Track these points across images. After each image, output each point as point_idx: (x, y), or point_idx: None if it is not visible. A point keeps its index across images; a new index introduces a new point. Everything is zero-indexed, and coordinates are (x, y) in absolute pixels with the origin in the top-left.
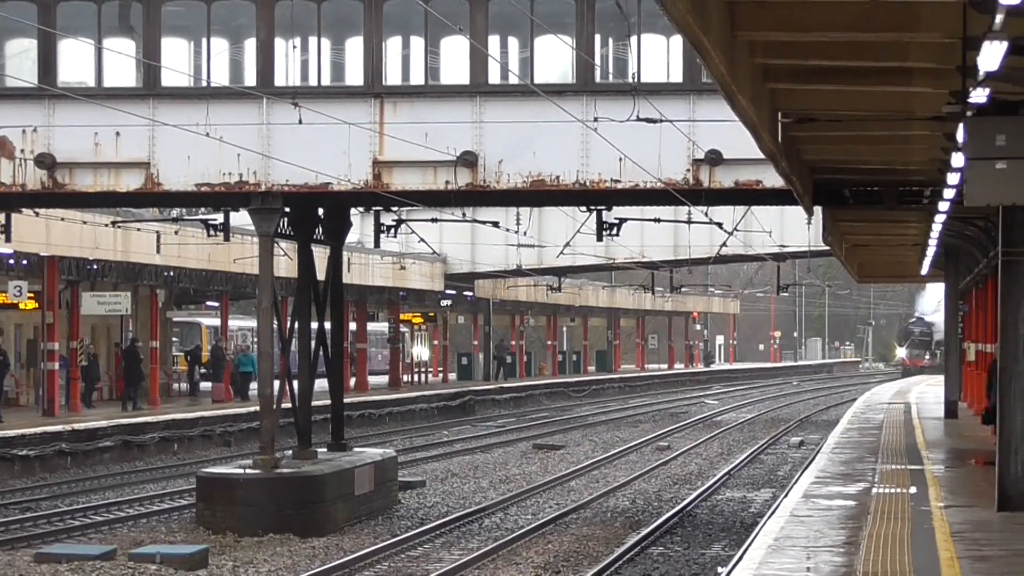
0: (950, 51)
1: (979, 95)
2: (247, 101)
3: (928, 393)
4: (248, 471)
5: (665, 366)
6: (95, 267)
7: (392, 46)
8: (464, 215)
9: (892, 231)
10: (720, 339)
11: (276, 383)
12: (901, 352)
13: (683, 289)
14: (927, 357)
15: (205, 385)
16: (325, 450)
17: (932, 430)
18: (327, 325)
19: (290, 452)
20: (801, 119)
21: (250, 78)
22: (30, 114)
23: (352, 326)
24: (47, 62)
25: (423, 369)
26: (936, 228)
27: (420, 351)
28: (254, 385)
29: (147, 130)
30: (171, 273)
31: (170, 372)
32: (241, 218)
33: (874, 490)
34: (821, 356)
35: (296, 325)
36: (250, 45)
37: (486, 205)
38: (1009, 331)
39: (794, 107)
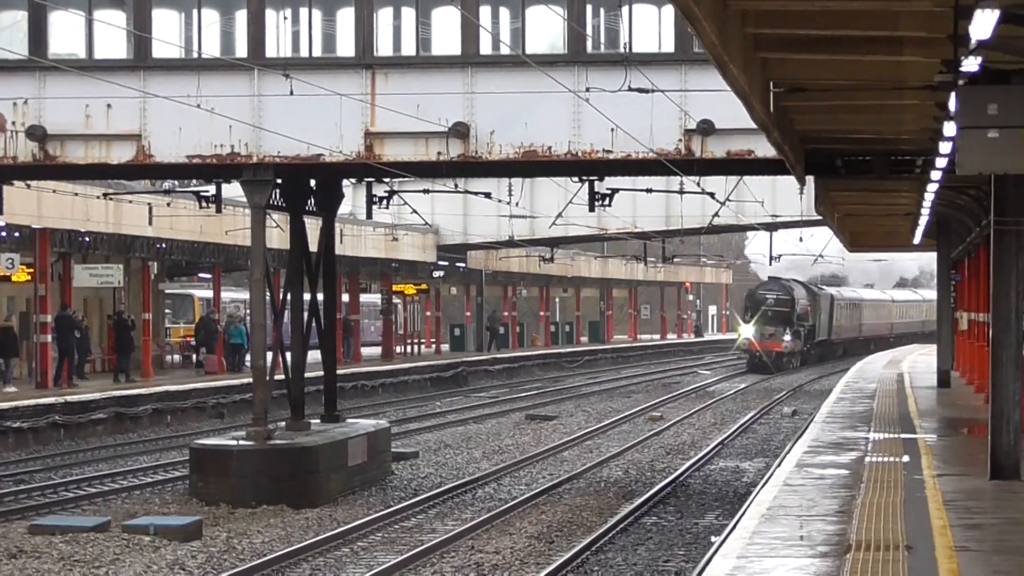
0: (941, 20)
1: (971, 64)
2: (238, 72)
3: (920, 363)
4: (241, 443)
5: (658, 336)
6: (87, 239)
7: (383, 17)
8: (456, 186)
9: (884, 201)
10: (713, 309)
11: (269, 355)
12: (746, 331)
13: (675, 260)
14: (787, 338)
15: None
16: (318, 421)
17: (925, 399)
18: (320, 296)
19: (283, 424)
20: (793, 89)
21: (241, 49)
22: (21, 86)
23: (345, 298)
24: (38, 34)
25: (416, 340)
26: (928, 197)
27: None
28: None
29: (138, 102)
30: (163, 245)
31: (163, 344)
32: (233, 190)
33: (867, 459)
34: None
35: (289, 297)
36: (241, 16)
37: (478, 176)
38: (1001, 301)
39: (786, 77)
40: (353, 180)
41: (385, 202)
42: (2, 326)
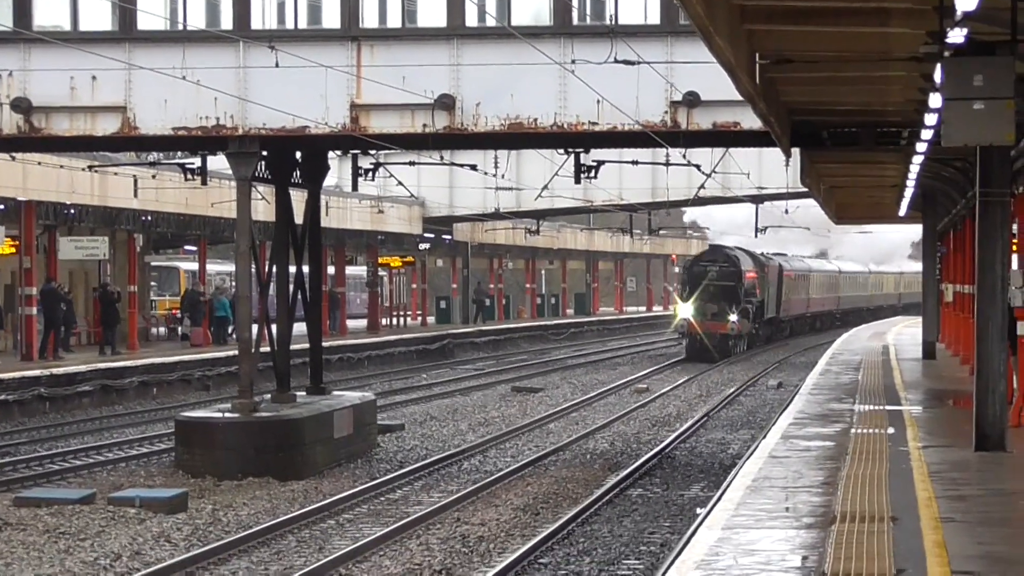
0: None
1: (956, 35)
2: (224, 45)
3: (905, 335)
4: (227, 415)
5: (644, 308)
6: (72, 212)
7: None
8: (442, 158)
9: (870, 172)
10: None
11: (255, 327)
12: (685, 310)
13: (661, 232)
14: (733, 317)
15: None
16: (304, 394)
17: (910, 371)
18: (305, 269)
19: (269, 396)
20: (779, 60)
21: (227, 21)
22: (5, 58)
23: (330, 270)
24: (22, 6)
25: (402, 312)
26: (913, 170)
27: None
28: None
29: (123, 74)
30: (149, 217)
31: (148, 317)
32: (219, 162)
33: (852, 431)
34: None
35: (274, 269)
36: None
37: (464, 148)
38: (987, 272)
39: (771, 48)
40: (339, 152)
41: (371, 174)
42: None
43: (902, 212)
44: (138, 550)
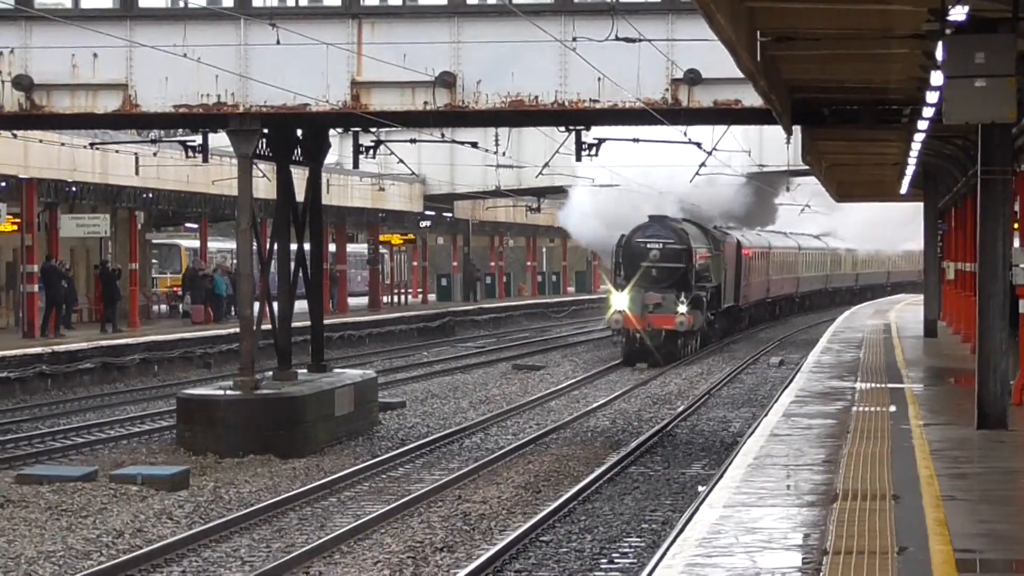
0: None
1: (958, 13)
2: (225, 22)
3: (908, 312)
4: (228, 392)
5: None
6: (74, 189)
7: None
8: (443, 136)
9: (871, 150)
10: None
11: (256, 305)
12: (619, 300)
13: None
14: (682, 308)
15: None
16: (305, 371)
17: (912, 349)
18: (306, 247)
19: (270, 373)
20: (779, 38)
21: None
22: (7, 36)
23: (331, 248)
24: None
25: (403, 290)
26: (915, 147)
27: None
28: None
29: (124, 51)
30: (150, 195)
31: (149, 294)
32: (220, 139)
33: (854, 409)
34: None
35: (275, 247)
36: None
37: (465, 126)
38: (988, 250)
39: (772, 26)
40: (340, 130)
41: (371, 152)
42: None
43: (903, 190)
44: (140, 527)
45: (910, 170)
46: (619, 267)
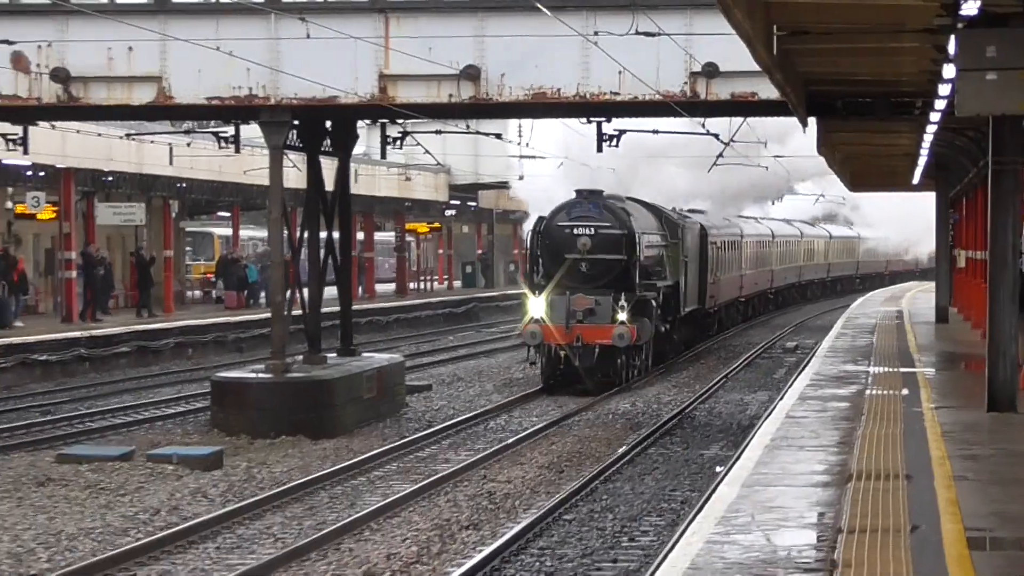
0: None
1: (970, 7)
2: (256, 16)
3: (920, 299)
4: (260, 376)
5: None
6: (110, 178)
7: None
8: (467, 127)
9: (884, 142)
10: None
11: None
12: (536, 306)
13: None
14: (623, 317)
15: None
16: (335, 355)
17: (923, 334)
18: (335, 235)
19: (300, 357)
20: (795, 32)
21: None
22: (45, 29)
23: (359, 236)
24: None
25: (429, 277)
26: (927, 139)
27: None
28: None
29: (159, 45)
30: (183, 184)
31: (183, 280)
32: (251, 130)
33: (867, 392)
34: None
35: (305, 235)
36: None
37: (489, 117)
38: (999, 239)
39: (788, 20)
40: (367, 121)
41: (398, 143)
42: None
43: (915, 180)
44: (176, 505)
45: (922, 161)
46: (536, 261)
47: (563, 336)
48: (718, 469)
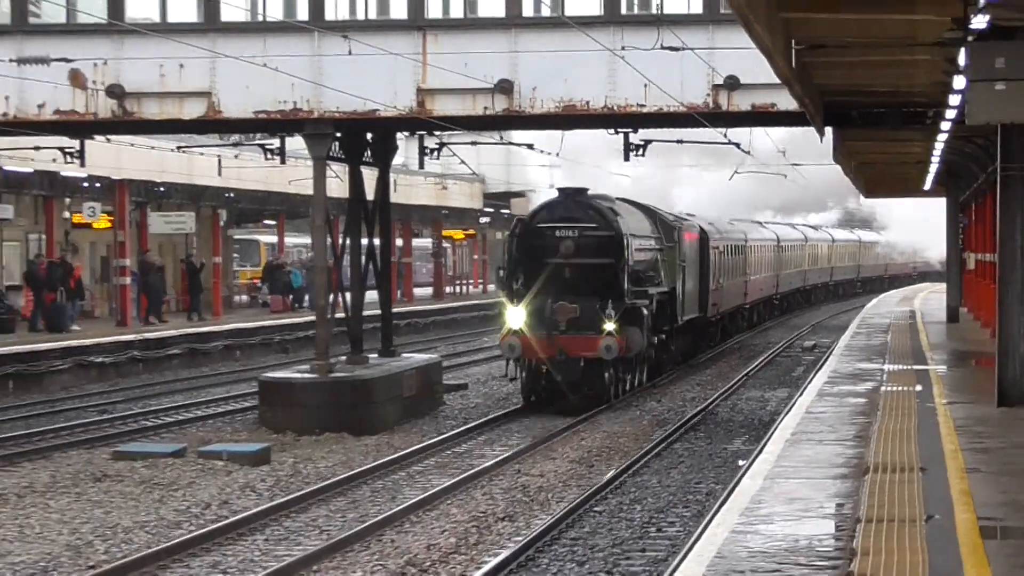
0: None
1: (979, 21)
2: (300, 34)
3: (931, 300)
4: (306, 376)
5: None
6: (162, 189)
7: None
8: (501, 138)
9: (897, 150)
10: None
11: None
12: (515, 316)
13: None
14: (610, 326)
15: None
16: (376, 356)
17: (936, 334)
18: (376, 241)
19: (343, 358)
20: (813, 46)
21: (303, 13)
22: (101, 48)
23: (398, 242)
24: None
25: (464, 281)
26: (938, 146)
27: None
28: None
29: (208, 62)
30: (231, 194)
31: (231, 286)
32: (296, 142)
33: (882, 388)
34: None
35: (347, 241)
36: None
37: (521, 129)
38: (1007, 242)
39: (806, 34)
40: (406, 133)
41: (435, 153)
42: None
43: (927, 186)
44: (226, 499)
45: (933, 168)
46: (515, 267)
47: (544, 349)
48: (741, 462)
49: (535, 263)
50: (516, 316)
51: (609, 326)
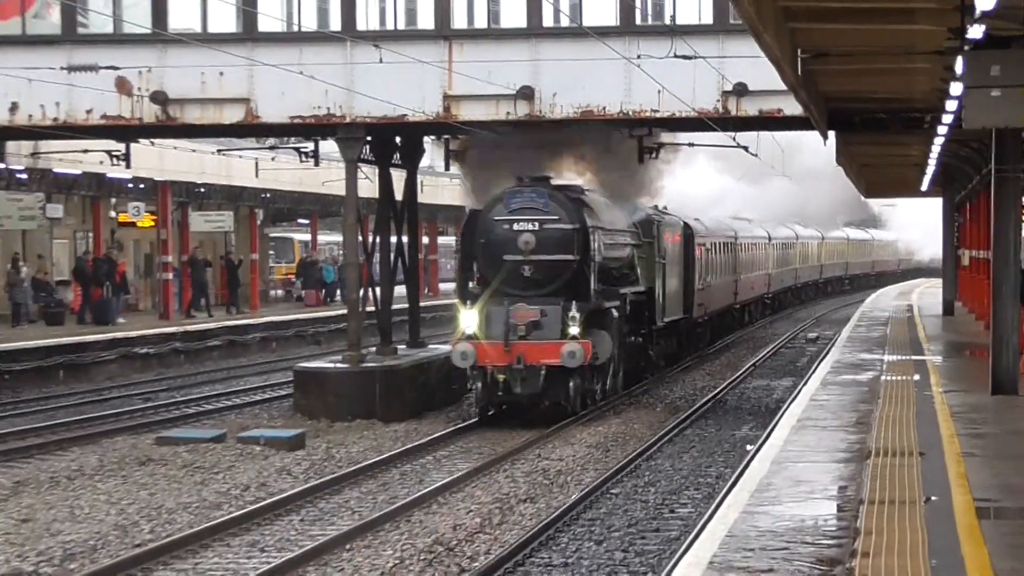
0: None
1: (976, 31)
2: (334, 43)
3: (928, 294)
4: (338, 365)
5: None
6: (202, 189)
7: None
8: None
9: (896, 153)
10: None
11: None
12: (469, 320)
13: None
14: (574, 329)
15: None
16: (404, 347)
17: (932, 326)
18: (404, 239)
19: (374, 349)
20: (818, 54)
21: (336, 23)
22: (145, 56)
23: (425, 240)
24: (159, 11)
25: None
26: (935, 150)
27: None
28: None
29: (247, 70)
30: (268, 195)
31: (267, 281)
32: (329, 145)
33: (882, 378)
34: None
35: (377, 239)
36: None
37: (541, 132)
38: (1001, 239)
39: (812, 44)
40: (433, 137)
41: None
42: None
43: (924, 187)
44: (264, 482)
45: (930, 170)
46: (469, 264)
47: (501, 356)
48: (749, 447)
49: (491, 260)
50: (470, 320)
51: (574, 330)
